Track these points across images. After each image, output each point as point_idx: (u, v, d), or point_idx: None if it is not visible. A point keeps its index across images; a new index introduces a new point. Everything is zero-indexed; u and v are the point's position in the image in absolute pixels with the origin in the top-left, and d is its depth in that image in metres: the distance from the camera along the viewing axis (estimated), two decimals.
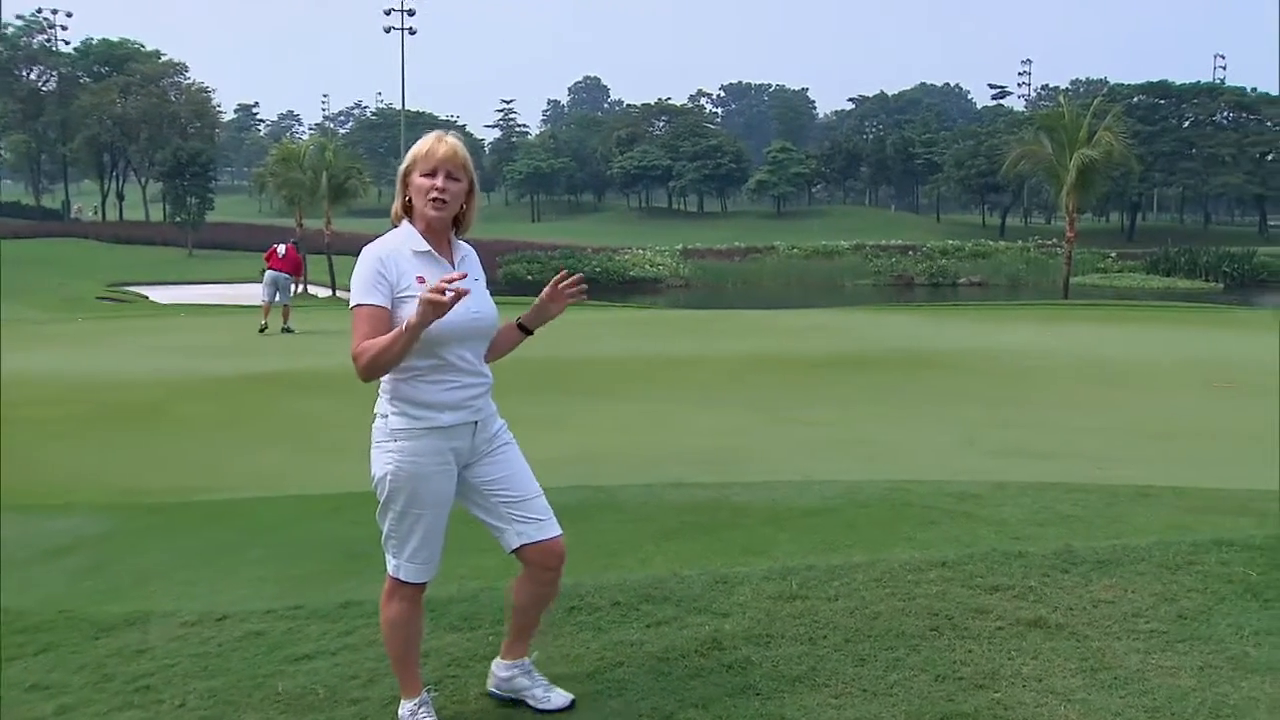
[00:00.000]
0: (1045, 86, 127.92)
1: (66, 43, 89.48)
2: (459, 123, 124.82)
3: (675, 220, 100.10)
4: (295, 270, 21.12)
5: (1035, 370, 13.90)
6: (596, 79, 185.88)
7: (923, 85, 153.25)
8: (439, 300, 2.79)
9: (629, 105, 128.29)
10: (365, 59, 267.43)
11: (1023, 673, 3.38)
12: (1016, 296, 44.28)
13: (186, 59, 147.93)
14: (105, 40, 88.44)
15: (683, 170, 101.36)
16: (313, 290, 41.94)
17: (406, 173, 3.11)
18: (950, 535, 5.10)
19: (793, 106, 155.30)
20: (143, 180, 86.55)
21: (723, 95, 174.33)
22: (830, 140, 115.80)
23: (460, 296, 2.83)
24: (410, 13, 62.33)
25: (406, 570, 3.16)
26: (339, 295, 41.25)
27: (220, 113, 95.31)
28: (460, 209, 3.16)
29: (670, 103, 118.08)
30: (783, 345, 17.30)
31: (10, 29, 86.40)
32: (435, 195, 3.06)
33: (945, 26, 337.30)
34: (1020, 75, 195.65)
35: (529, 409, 2.88)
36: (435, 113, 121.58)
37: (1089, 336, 19.17)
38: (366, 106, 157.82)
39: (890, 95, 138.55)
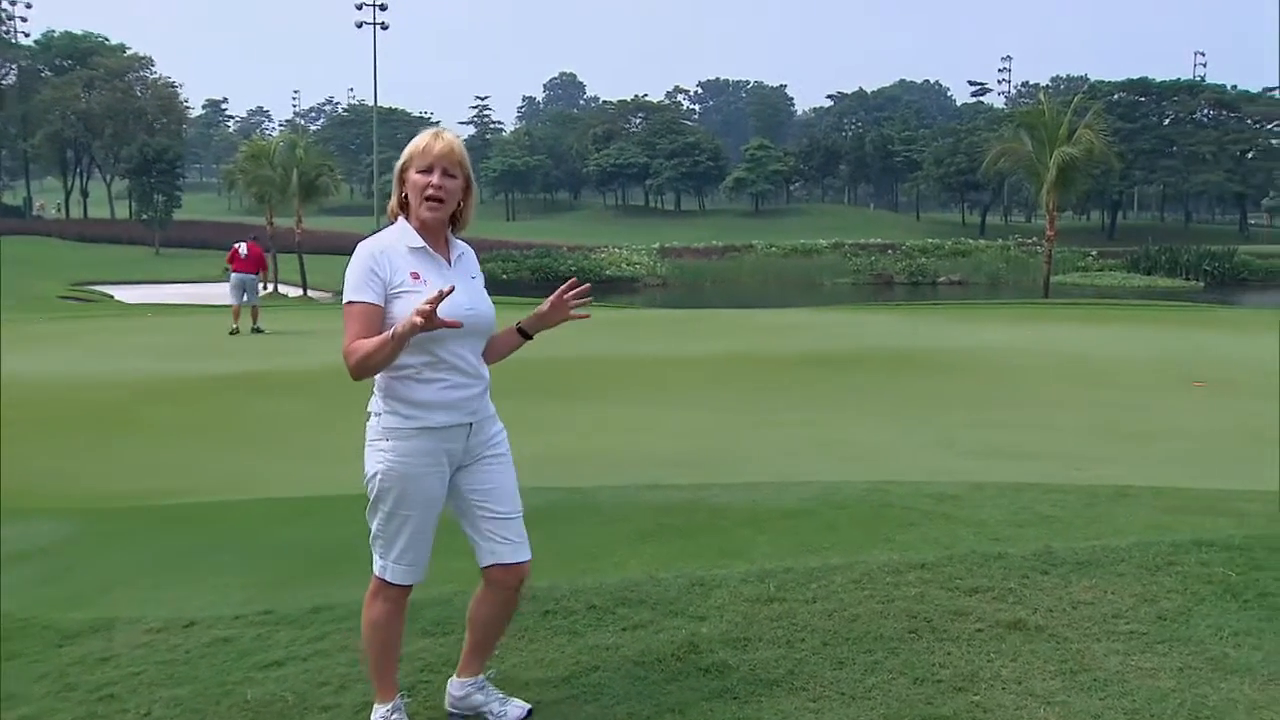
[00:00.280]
0: (1025, 83, 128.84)
1: (26, 35, 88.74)
2: (433, 119, 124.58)
3: (652, 219, 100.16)
4: (260, 266, 20.76)
5: (1015, 370, 13.98)
6: (572, 75, 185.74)
7: (902, 82, 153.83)
8: (427, 316, 2.82)
9: (605, 102, 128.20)
10: (337, 54, 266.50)
11: (1002, 675, 3.39)
12: (996, 295, 44.53)
13: (153, 53, 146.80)
14: (68, 33, 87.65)
15: (660, 168, 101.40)
16: (283, 290, 41.73)
17: (403, 169, 3.12)
18: (929, 537, 5.11)
19: (771, 103, 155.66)
20: (108, 177, 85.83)
21: (700, 92, 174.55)
22: (809, 138, 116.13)
23: (454, 325, 2.88)
24: (383, 7, 61.91)
25: (393, 571, 3.16)
26: (310, 295, 41.10)
27: (188, 108, 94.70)
28: (457, 206, 3.16)
29: (647, 99, 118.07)
30: (761, 345, 17.33)
31: None
32: (431, 193, 3.07)
33: (925, 23, 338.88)
34: (1000, 72, 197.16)
35: (504, 410, 2.86)
36: (408, 109, 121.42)
37: (1069, 335, 19.30)
38: (338, 103, 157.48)
39: (869, 92, 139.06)
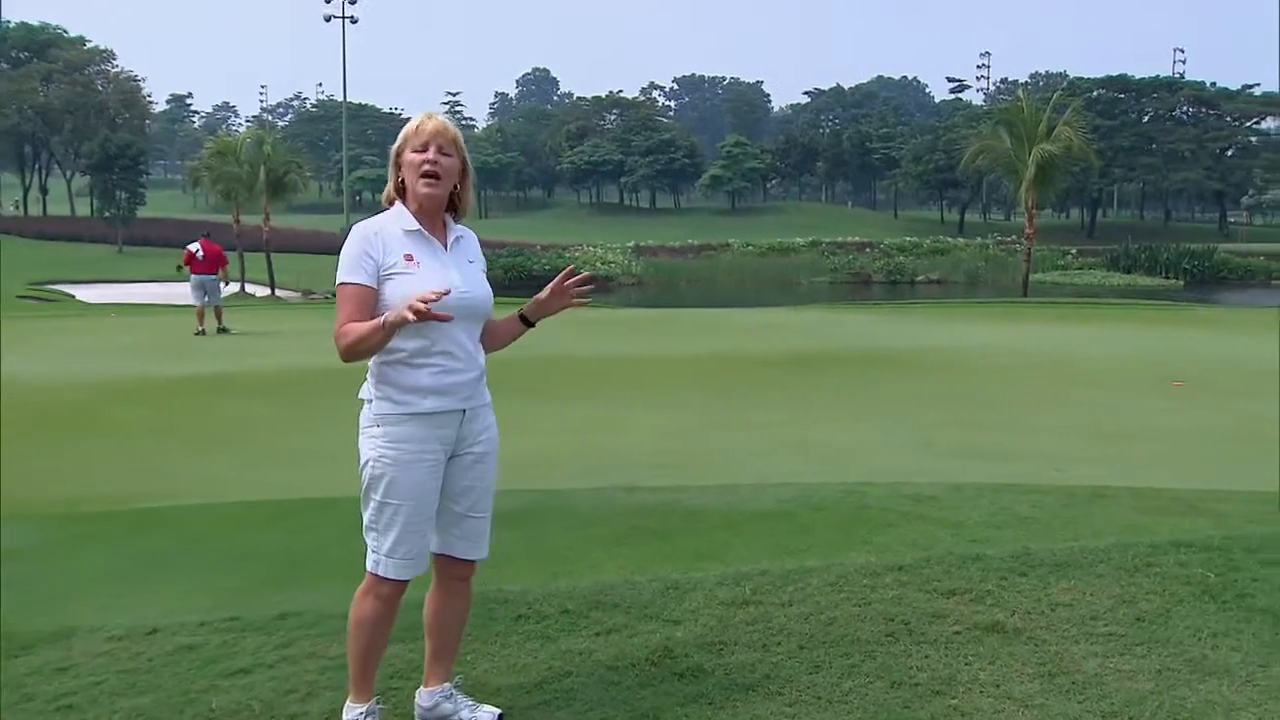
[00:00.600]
0: (1004, 80, 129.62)
1: None
2: (403, 115, 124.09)
3: (627, 216, 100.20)
4: (219, 264, 20.46)
5: (994, 369, 14.06)
6: (545, 71, 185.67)
7: (880, 78, 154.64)
8: (419, 310, 2.83)
9: (579, 98, 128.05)
10: (305, 48, 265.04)
11: (980, 678, 3.41)
12: (975, 294, 44.80)
13: (114, 46, 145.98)
14: (24, 24, 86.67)
15: (635, 165, 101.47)
16: (251, 289, 41.51)
17: (398, 153, 3.16)
18: (907, 538, 5.14)
19: (747, 100, 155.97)
20: (68, 173, 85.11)
21: (675, 88, 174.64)
22: (785, 134, 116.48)
23: (444, 319, 2.91)
24: (351, 0, 61.78)
25: (386, 565, 3.13)
26: (279, 294, 40.88)
27: (151, 103, 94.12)
28: (454, 190, 3.18)
29: (622, 95, 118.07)
30: (737, 345, 17.37)
31: None
32: (428, 168, 3.08)
33: (903, 18, 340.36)
34: (979, 69, 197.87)
35: None
36: (378, 105, 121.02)
37: (1048, 335, 19.43)
38: (306, 98, 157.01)
39: (847, 89, 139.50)
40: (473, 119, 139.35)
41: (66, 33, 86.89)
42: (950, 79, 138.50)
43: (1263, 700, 3.22)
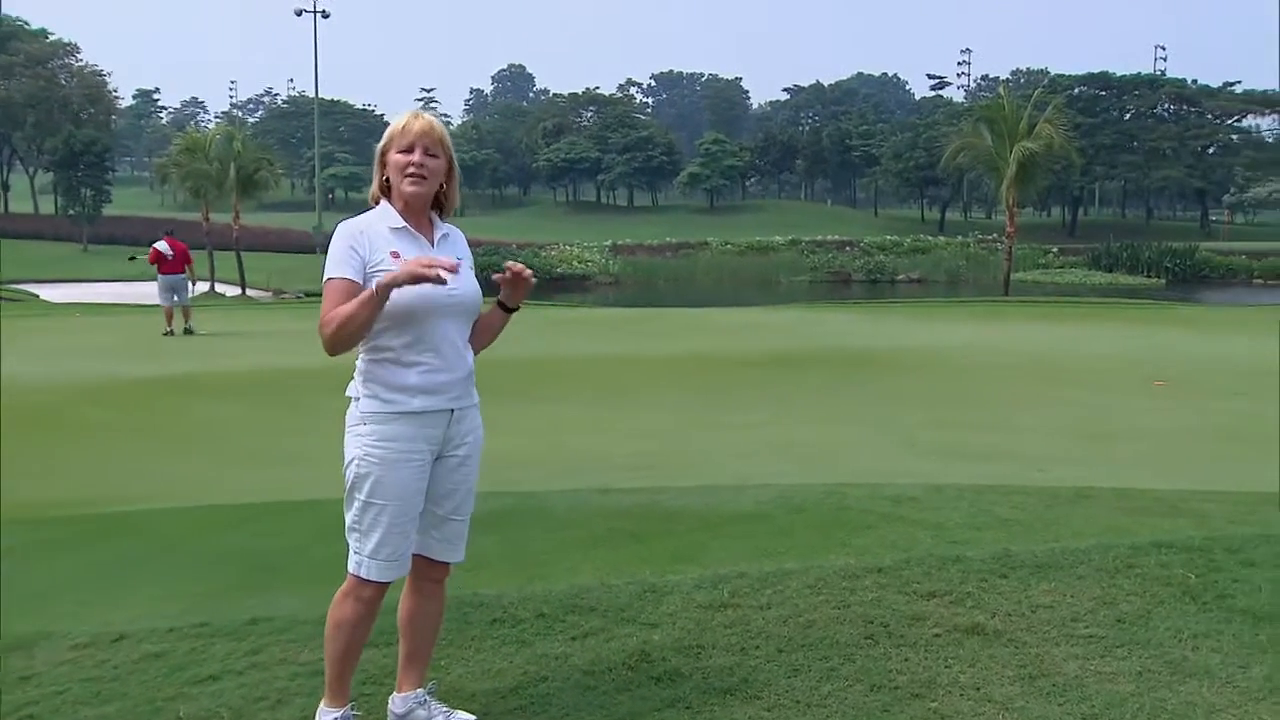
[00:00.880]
0: (985, 77, 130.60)
1: None
2: (377, 112, 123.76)
3: (604, 215, 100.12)
4: (186, 263, 20.41)
5: (974, 369, 14.13)
6: (521, 67, 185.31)
7: (860, 75, 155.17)
8: (421, 272, 2.85)
9: (555, 95, 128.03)
10: (276, 43, 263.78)
11: (960, 681, 3.43)
12: (956, 293, 45.05)
13: (78, 39, 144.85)
14: None
15: (612, 163, 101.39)
16: (221, 289, 41.28)
17: (383, 152, 3.16)
18: (887, 540, 5.16)
19: (726, 97, 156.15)
20: (30, 170, 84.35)
21: (653, 85, 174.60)
22: (764, 132, 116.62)
23: (439, 282, 2.90)
24: None
25: (369, 567, 3.11)
26: (249, 294, 40.66)
27: (117, 98, 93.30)
28: (440, 189, 3.20)
29: (598, 92, 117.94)
30: (716, 344, 17.40)
31: None
32: (413, 170, 3.09)
33: (883, 14, 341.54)
34: (960, 65, 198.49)
35: None
36: (351, 101, 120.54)
37: (1030, 334, 19.54)
38: (277, 94, 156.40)
39: (826, 85, 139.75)
40: (448, 116, 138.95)
41: (28, 25, 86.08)
42: (931, 76, 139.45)
43: (1242, 702, 3.25)
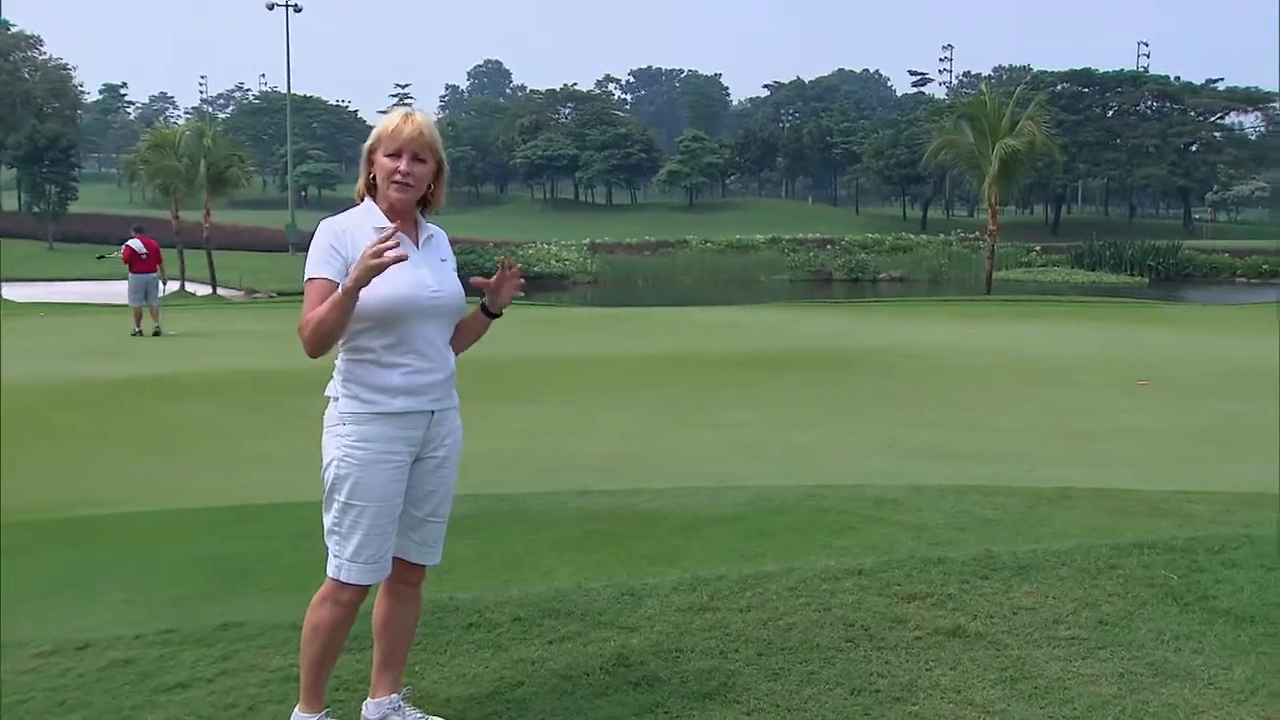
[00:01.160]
0: (967, 73, 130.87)
1: None
2: (350, 108, 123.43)
3: (582, 213, 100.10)
4: (159, 260, 20.34)
5: (956, 368, 14.19)
6: (498, 63, 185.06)
7: (841, 71, 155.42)
8: (377, 262, 2.82)
9: (532, 91, 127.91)
10: (247, 37, 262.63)
11: (941, 684, 3.44)
12: (938, 292, 45.26)
13: (41, 32, 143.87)
14: None
15: (590, 160, 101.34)
16: (191, 288, 41.07)
17: (370, 150, 3.14)
18: (867, 542, 5.18)
19: (705, 93, 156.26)
20: None
21: (632, 81, 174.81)
22: (745, 129, 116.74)
23: (400, 259, 2.85)
24: None
25: (349, 570, 3.10)
26: (220, 293, 40.48)
27: (83, 93, 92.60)
28: (427, 190, 3.19)
29: (576, 89, 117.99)
30: (695, 344, 17.42)
31: None
32: (399, 179, 3.08)
33: (864, 10, 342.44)
34: (941, 61, 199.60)
35: None
36: (324, 97, 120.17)
37: (1012, 333, 19.64)
38: (249, 89, 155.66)
39: (807, 82, 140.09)
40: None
41: None
42: (912, 72, 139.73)
43: (1224, 703, 3.27)
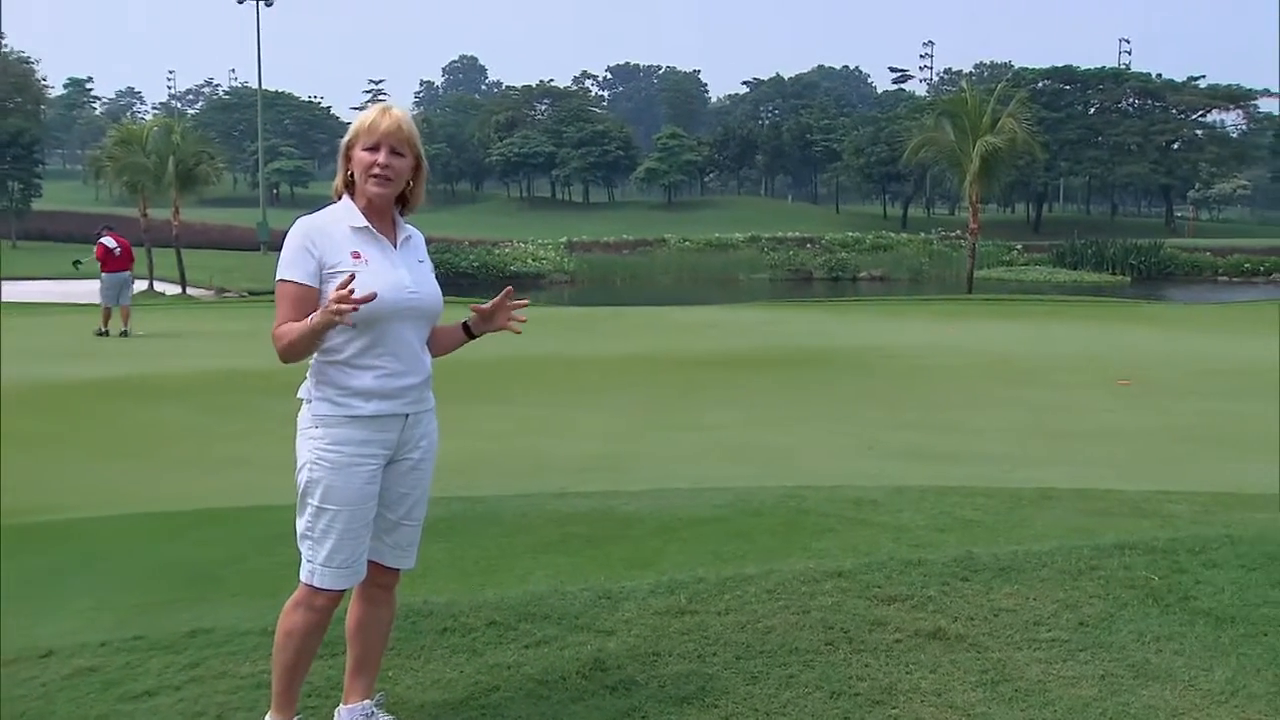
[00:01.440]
0: (948, 70, 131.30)
1: None
2: (323, 104, 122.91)
3: (559, 211, 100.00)
4: (131, 259, 20.28)
5: (937, 368, 14.25)
6: (473, 59, 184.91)
7: (821, 68, 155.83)
8: (339, 310, 2.80)
9: (508, 87, 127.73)
10: (216, 31, 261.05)
11: (921, 687, 3.46)
12: (919, 291, 45.44)
13: (2, 24, 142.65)
14: None
15: (567, 157, 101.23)
16: (160, 287, 40.81)
17: (348, 146, 3.13)
18: (847, 543, 5.20)
19: (684, 90, 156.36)
20: None
21: (609, 77, 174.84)
22: (723, 126, 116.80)
23: (367, 300, 2.85)
24: None
25: (322, 575, 3.09)
26: (189, 293, 40.24)
27: (46, 87, 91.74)
28: (406, 187, 3.18)
29: (553, 85, 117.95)
30: (674, 344, 17.43)
31: None
32: (377, 171, 3.07)
33: (844, 6, 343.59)
34: (922, 58, 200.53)
35: None
36: (296, 93, 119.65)
37: (993, 332, 19.73)
38: (218, 85, 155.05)
39: (786, 78, 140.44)
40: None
41: None
42: (893, 69, 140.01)
43: (1205, 705, 3.30)
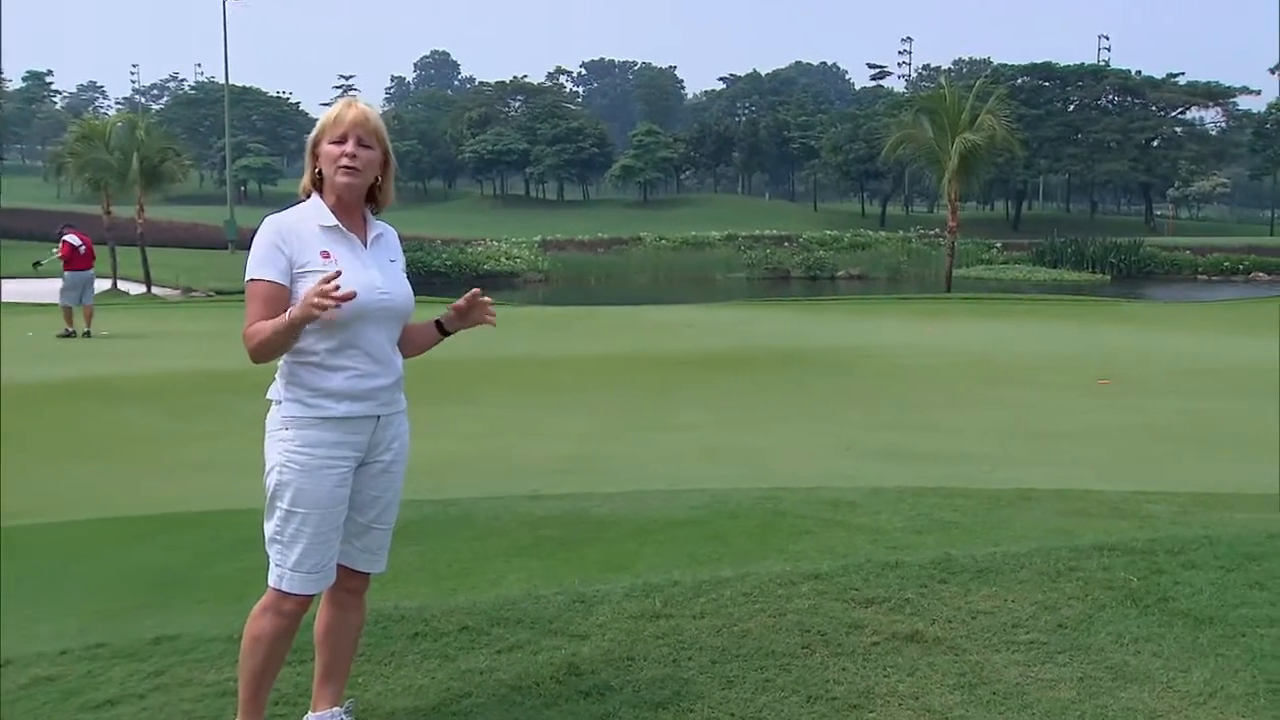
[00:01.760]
0: (926, 66, 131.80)
1: None
2: (292, 100, 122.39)
3: (533, 209, 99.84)
4: (93, 257, 20.27)
5: (916, 368, 14.30)
6: (445, 54, 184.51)
7: (798, 64, 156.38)
8: (320, 304, 2.81)
9: (481, 83, 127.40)
10: (182, 25, 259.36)
11: (899, 691, 3.47)
12: (897, 290, 45.58)
13: None
14: None
15: (541, 155, 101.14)
16: (124, 286, 40.53)
17: (314, 143, 3.14)
18: (824, 546, 5.21)
19: (659, 86, 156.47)
20: None
21: (584, 73, 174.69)
22: (700, 123, 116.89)
23: (348, 299, 2.85)
24: None
25: (291, 580, 3.08)
26: (155, 292, 39.99)
27: (4, 81, 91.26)
28: (375, 183, 3.18)
29: (527, 81, 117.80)
30: (649, 344, 17.44)
31: None
32: (346, 162, 3.07)
33: (822, 1, 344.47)
34: (900, 54, 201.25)
35: None
36: (264, 88, 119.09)
37: (972, 331, 19.83)
38: (184, 79, 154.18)
39: (763, 75, 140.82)
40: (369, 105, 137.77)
41: None
42: (871, 65, 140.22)
43: (1183, 706, 3.33)
